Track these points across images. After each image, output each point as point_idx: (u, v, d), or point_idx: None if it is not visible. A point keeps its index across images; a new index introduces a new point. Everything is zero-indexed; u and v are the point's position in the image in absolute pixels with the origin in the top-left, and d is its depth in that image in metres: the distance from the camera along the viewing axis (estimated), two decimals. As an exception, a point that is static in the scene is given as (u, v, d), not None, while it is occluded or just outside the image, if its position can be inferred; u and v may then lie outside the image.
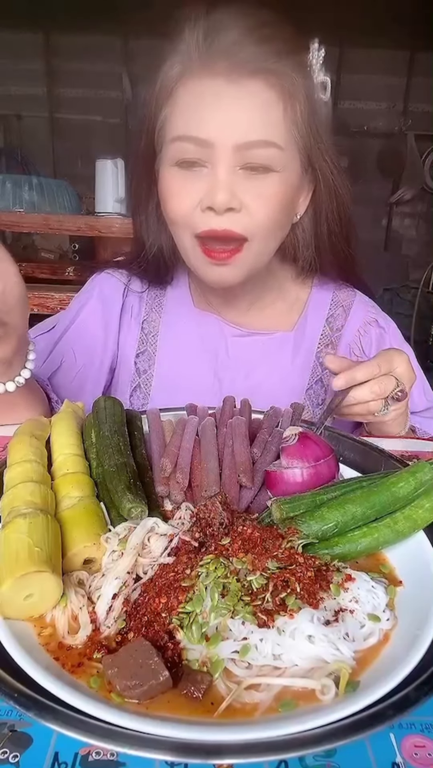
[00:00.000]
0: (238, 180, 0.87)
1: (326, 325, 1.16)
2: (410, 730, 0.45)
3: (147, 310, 1.16)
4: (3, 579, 0.48)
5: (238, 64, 0.84)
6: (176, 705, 0.44)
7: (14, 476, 0.62)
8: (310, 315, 1.17)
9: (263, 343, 1.14)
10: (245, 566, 0.52)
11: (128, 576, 0.53)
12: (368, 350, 1.17)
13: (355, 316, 1.18)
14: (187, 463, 0.72)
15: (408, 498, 0.61)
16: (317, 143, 0.93)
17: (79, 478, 0.64)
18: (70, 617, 0.51)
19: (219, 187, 0.86)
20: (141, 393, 1.15)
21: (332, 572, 0.53)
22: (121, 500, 0.61)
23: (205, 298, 1.15)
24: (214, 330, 1.14)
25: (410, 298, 4.77)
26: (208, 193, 0.87)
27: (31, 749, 0.43)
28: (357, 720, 0.41)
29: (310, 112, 0.91)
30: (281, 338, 1.15)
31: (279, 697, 0.44)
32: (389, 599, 0.53)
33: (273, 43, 0.85)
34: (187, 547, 0.56)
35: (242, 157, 0.86)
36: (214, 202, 0.86)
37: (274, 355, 1.14)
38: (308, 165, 0.95)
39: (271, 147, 0.87)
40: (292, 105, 0.88)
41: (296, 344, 1.15)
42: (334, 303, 1.18)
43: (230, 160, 0.86)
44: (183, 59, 0.88)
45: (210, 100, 0.85)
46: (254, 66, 0.84)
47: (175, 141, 0.88)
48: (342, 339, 1.17)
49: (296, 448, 0.70)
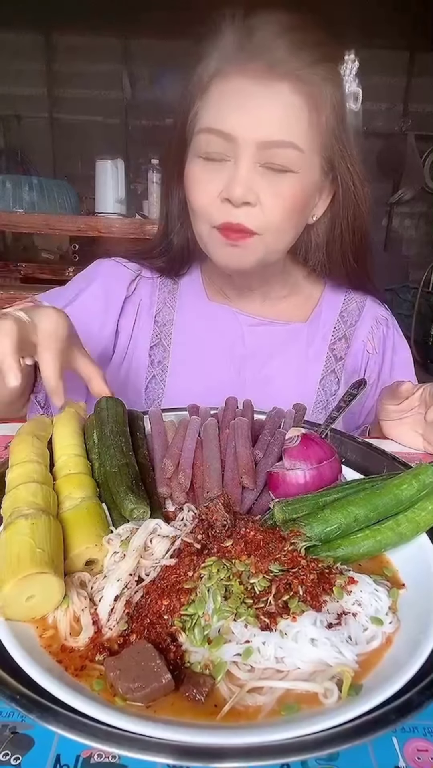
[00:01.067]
0: (256, 176, 0.91)
1: (339, 319, 1.20)
2: (413, 733, 0.45)
3: (160, 303, 1.17)
4: (5, 580, 0.48)
5: (268, 67, 0.87)
6: (178, 708, 0.43)
7: (16, 477, 0.61)
8: (324, 308, 1.20)
9: (278, 333, 1.16)
10: (248, 569, 0.52)
11: (130, 578, 0.53)
12: (379, 348, 1.21)
13: (369, 313, 1.21)
14: (190, 464, 0.72)
15: (411, 500, 0.61)
16: (341, 151, 0.96)
17: (81, 478, 0.64)
18: (71, 619, 0.51)
19: (238, 181, 0.89)
20: (157, 384, 1.15)
21: (334, 575, 0.53)
22: (123, 501, 0.61)
23: (219, 289, 1.17)
24: (230, 320, 1.16)
25: (410, 298, 4.78)
26: (227, 185, 0.91)
27: (33, 751, 0.43)
28: (360, 724, 0.40)
29: (336, 120, 0.94)
30: (296, 328, 1.17)
31: (282, 701, 0.44)
32: (391, 602, 0.53)
33: (305, 49, 0.89)
34: (189, 548, 0.56)
35: (262, 155, 0.89)
36: (232, 195, 0.89)
37: (289, 345, 1.16)
38: (330, 170, 0.98)
39: (291, 148, 0.90)
40: (317, 112, 0.91)
41: (309, 335, 1.17)
42: (347, 300, 1.21)
43: (251, 156, 0.89)
44: (219, 57, 0.91)
45: (238, 98, 0.89)
46: (284, 69, 0.87)
47: (202, 133, 0.92)
48: (356, 334, 1.19)
49: (299, 449, 0.70)
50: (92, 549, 0.56)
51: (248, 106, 0.88)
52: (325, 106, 0.91)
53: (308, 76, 0.89)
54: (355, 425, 1.24)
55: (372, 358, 1.20)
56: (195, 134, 0.94)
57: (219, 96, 0.91)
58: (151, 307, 1.17)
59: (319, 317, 1.19)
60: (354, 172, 0.99)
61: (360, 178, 1.01)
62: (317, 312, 1.19)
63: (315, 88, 0.90)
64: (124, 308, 1.15)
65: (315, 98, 0.90)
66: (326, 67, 0.91)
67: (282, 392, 0.93)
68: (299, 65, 0.88)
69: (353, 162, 0.99)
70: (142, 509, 0.61)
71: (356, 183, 1.01)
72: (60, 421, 0.75)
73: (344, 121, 0.95)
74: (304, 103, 0.89)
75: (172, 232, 1.11)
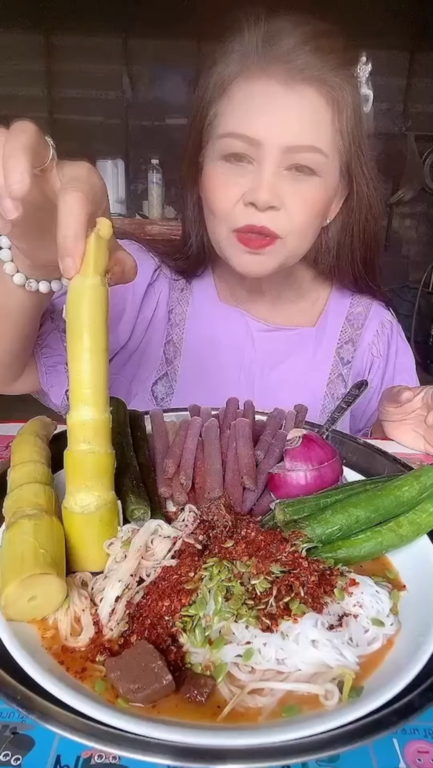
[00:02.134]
0: (281, 180, 0.91)
1: (346, 323, 1.20)
2: (414, 735, 0.45)
3: (173, 302, 1.16)
4: (8, 581, 0.48)
5: (294, 70, 0.87)
6: (179, 709, 0.43)
7: (19, 477, 0.61)
8: (331, 312, 1.20)
9: (287, 338, 1.16)
10: (249, 570, 0.52)
11: (131, 578, 0.53)
12: (383, 351, 1.21)
13: (375, 317, 1.21)
14: (191, 465, 0.72)
15: (412, 502, 0.61)
16: (357, 154, 0.97)
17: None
18: (72, 619, 0.51)
19: (263, 186, 0.89)
20: (167, 383, 1.15)
21: (336, 576, 0.53)
22: (125, 501, 0.61)
23: (231, 292, 1.16)
24: (241, 324, 1.16)
25: (410, 299, 4.78)
26: (251, 189, 0.90)
27: (34, 752, 0.43)
28: (361, 726, 0.40)
29: (355, 123, 0.94)
30: (304, 333, 1.17)
31: (283, 702, 0.44)
32: (392, 604, 0.53)
33: (329, 54, 0.89)
34: (190, 549, 0.56)
35: (287, 159, 0.89)
36: (257, 199, 0.89)
37: (297, 350, 1.17)
38: (346, 172, 0.98)
39: (316, 153, 0.90)
40: (339, 115, 0.91)
41: (317, 339, 1.18)
42: (354, 303, 1.21)
43: (277, 160, 0.89)
44: (241, 59, 0.91)
45: (263, 102, 0.88)
46: (309, 74, 0.87)
47: (225, 137, 0.91)
48: (362, 338, 1.20)
49: (300, 450, 0.70)
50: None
51: (274, 110, 0.88)
52: (346, 109, 0.92)
53: (332, 80, 0.89)
54: (357, 429, 1.24)
55: (376, 361, 1.20)
56: (216, 138, 0.93)
57: (243, 99, 0.90)
58: (166, 304, 1.16)
59: (326, 321, 1.19)
60: (368, 175, 1.00)
61: (374, 182, 1.02)
62: (324, 316, 1.19)
63: (338, 92, 0.90)
64: (147, 294, 1.12)
65: (338, 102, 0.90)
66: (348, 72, 0.92)
67: (290, 396, 0.93)
68: (325, 70, 0.88)
69: (367, 165, 0.99)
70: (142, 509, 0.61)
71: (370, 186, 1.01)
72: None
73: (361, 124, 0.96)
74: (328, 107, 0.90)
75: (190, 236, 1.11)
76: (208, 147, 0.96)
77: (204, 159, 0.98)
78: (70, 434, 0.56)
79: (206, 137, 0.96)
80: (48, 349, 1.00)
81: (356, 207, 1.03)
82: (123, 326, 1.10)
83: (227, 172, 0.93)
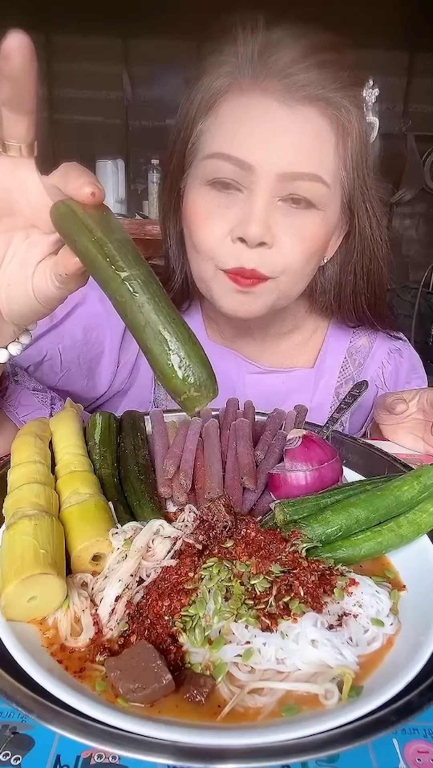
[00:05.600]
0: (275, 212, 0.80)
1: (346, 358, 1.10)
2: (414, 735, 0.45)
3: None
4: (8, 580, 0.48)
5: (293, 87, 0.76)
6: (179, 709, 0.43)
7: (19, 477, 0.62)
8: (329, 348, 1.10)
9: (283, 381, 1.08)
10: (249, 569, 0.52)
11: (131, 578, 0.53)
12: (390, 382, 1.13)
13: (379, 349, 1.11)
14: (191, 465, 0.72)
15: (412, 502, 0.61)
16: (361, 188, 0.87)
17: (86, 476, 0.64)
18: (72, 619, 0.51)
19: (254, 219, 0.78)
20: None
21: (335, 576, 0.53)
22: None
23: (219, 330, 1.07)
24: (232, 367, 1.06)
25: (410, 299, 4.77)
26: (241, 223, 0.79)
27: (33, 752, 0.43)
28: (360, 725, 0.40)
29: (360, 152, 0.84)
30: (301, 375, 1.09)
31: (282, 702, 0.44)
32: (392, 604, 0.53)
33: (334, 70, 0.78)
34: (190, 549, 0.56)
35: (283, 188, 0.79)
36: (247, 235, 0.78)
37: (294, 393, 1.08)
38: (347, 207, 0.88)
39: (317, 182, 0.80)
40: (344, 140, 0.82)
41: (315, 381, 1.09)
42: (356, 335, 1.11)
43: (271, 189, 0.78)
44: (232, 72, 0.80)
45: (257, 120, 0.78)
46: (311, 91, 0.77)
47: (211, 158, 0.81)
48: (364, 373, 1.11)
49: (300, 450, 0.70)
50: (102, 542, 0.56)
51: (270, 130, 0.77)
52: (351, 133, 0.82)
53: (338, 101, 0.78)
54: (357, 428, 1.23)
55: (381, 392, 1.11)
56: (200, 159, 0.82)
57: (232, 115, 0.79)
58: None
59: (324, 360, 1.09)
60: (372, 212, 0.90)
61: (378, 220, 0.91)
62: (322, 354, 1.09)
63: (344, 115, 0.80)
64: (127, 336, 1.00)
65: (343, 126, 0.80)
66: (355, 93, 0.81)
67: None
68: (329, 88, 0.78)
69: (372, 201, 0.89)
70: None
71: (373, 225, 0.91)
72: (60, 421, 0.75)
73: (366, 154, 0.86)
74: (331, 131, 0.80)
75: (175, 271, 0.99)
76: (192, 170, 0.85)
77: (186, 185, 0.87)
78: None
79: (189, 159, 0.85)
80: (23, 408, 0.87)
81: (358, 246, 0.93)
82: (103, 370, 1.01)
83: (212, 201, 0.82)
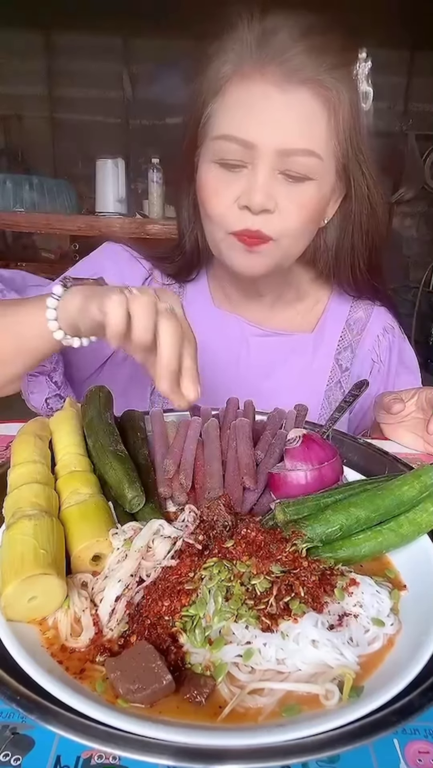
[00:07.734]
0: (275, 183, 0.90)
1: (345, 328, 1.17)
2: (414, 735, 0.45)
3: None
4: (8, 581, 0.48)
5: (289, 72, 0.85)
6: (179, 709, 0.43)
7: (19, 477, 0.61)
8: (329, 317, 1.17)
9: (284, 344, 1.14)
10: (249, 569, 0.52)
11: (131, 579, 0.53)
12: (385, 357, 1.18)
13: (376, 321, 1.18)
14: (191, 465, 0.72)
15: (413, 502, 0.61)
16: (355, 155, 0.95)
17: (86, 476, 0.64)
18: (72, 620, 0.51)
19: (257, 189, 0.88)
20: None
21: (336, 576, 0.53)
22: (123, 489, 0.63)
23: (226, 296, 1.15)
24: (236, 330, 1.14)
25: (410, 298, 4.78)
26: (245, 192, 0.89)
27: (33, 752, 0.43)
28: (361, 726, 0.40)
29: (352, 123, 0.92)
30: (301, 339, 1.15)
31: (283, 702, 0.44)
32: (393, 604, 0.53)
33: (325, 53, 0.86)
34: (190, 549, 0.56)
35: (282, 162, 0.88)
36: (251, 203, 0.88)
37: (294, 356, 1.15)
38: (343, 173, 0.97)
39: (312, 156, 0.89)
40: (335, 116, 0.90)
41: (315, 345, 1.16)
42: (354, 307, 1.19)
43: (271, 163, 0.88)
44: (235, 59, 0.89)
45: (258, 104, 0.87)
46: (304, 75, 0.85)
47: (219, 139, 0.90)
48: (362, 344, 1.17)
49: (300, 450, 0.70)
50: (102, 543, 0.56)
51: (268, 113, 0.86)
52: (342, 110, 0.90)
53: (328, 81, 0.87)
54: (356, 428, 1.24)
55: (377, 366, 1.18)
56: (210, 140, 0.92)
57: (236, 100, 0.89)
58: None
59: (324, 327, 1.17)
60: (368, 174, 0.98)
61: (373, 180, 0.99)
62: (322, 321, 1.17)
63: (333, 93, 0.88)
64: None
65: (333, 103, 0.88)
66: (345, 70, 0.89)
67: (287, 403, 0.91)
68: (320, 70, 0.86)
69: (366, 164, 0.97)
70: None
71: (370, 185, 0.99)
72: (60, 420, 0.75)
73: (359, 124, 0.94)
74: (323, 109, 0.88)
75: (184, 234, 1.09)
76: (203, 148, 0.95)
77: (199, 159, 0.97)
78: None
79: (201, 137, 0.95)
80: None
81: (355, 208, 1.01)
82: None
83: (221, 176, 0.92)
